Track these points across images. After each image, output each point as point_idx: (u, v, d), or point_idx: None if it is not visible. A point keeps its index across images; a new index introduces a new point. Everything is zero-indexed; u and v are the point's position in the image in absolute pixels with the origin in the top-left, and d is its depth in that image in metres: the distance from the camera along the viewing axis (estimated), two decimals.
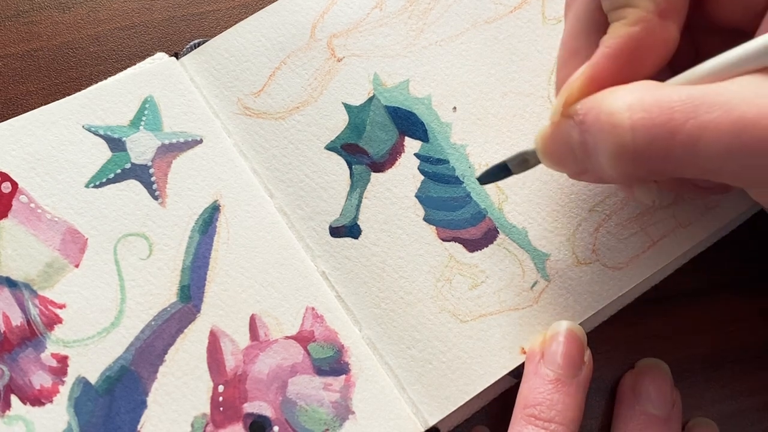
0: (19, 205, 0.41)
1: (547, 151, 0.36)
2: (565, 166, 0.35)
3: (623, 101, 0.30)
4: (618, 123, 0.30)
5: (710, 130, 0.28)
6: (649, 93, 0.30)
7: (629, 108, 0.30)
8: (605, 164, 0.32)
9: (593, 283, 0.41)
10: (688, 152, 0.29)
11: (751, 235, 0.44)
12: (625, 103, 0.30)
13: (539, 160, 0.38)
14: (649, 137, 0.29)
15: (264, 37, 0.46)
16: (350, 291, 0.42)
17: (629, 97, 0.30)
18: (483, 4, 0.46)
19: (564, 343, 0.39)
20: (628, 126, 0.30)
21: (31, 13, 0.48)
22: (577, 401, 0.38)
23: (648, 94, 0.30)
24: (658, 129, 0.29)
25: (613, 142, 0.30)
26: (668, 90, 0.30)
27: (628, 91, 0.31)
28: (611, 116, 0.30)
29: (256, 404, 0.39)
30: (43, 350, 0.39)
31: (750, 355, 0.43)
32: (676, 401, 0.41)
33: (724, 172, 0.30)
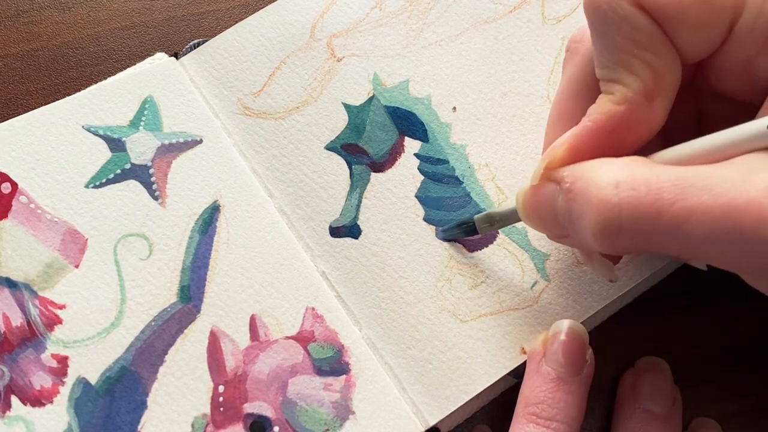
0: (18, 205, 0.41)
1: (528, 213, 0.36)
2: (547, 228, 0.35)
3: (613, 176, 0.30)
4: (606, 198, 0.30)
5: (697, 214, 0.28)
6: (639, 171, 0.30)
7: (618, 185, 0.30)
8: (589, 236, 0.32)
9: (593, 283, 0.41)
10: (674, 233, 0.29)
11: None
12: (614, 179, 0.30)
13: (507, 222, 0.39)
14: (636, 215, 0.29)
15: (264, 37, 0.46)
16: (350, 291, 0.42)
17: (619, 173, 0.30)
18: (482, 4, 0.46)
19: (566, 341, 0.39)
20: (615, 202, 0.30)
21: (31, 13, 0.48)
22: (578, 400, 0.38)
23: (638, 171, 0.30)
24: (645, 208, 0.29)
25: (599, 216, 0.30)
26: (658, 169, 0.30)
27: (618, 167, 0.31)
28: (599, 190, 0.30)
29: (256, 404, 0.39)
30: (43, 351, 0.39)
31: (750, 355, 0.43)
32: (676, 399, 0.41)
33: (709, 256, 0.30)
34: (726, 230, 0.28)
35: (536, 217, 0.35)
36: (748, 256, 0.29)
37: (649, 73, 0.32)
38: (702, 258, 0.31)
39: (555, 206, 0.33)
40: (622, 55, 0.32)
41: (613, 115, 0.32)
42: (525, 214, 0.36)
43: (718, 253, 0.29)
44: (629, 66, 0.32)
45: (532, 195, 0.35)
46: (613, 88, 0.33)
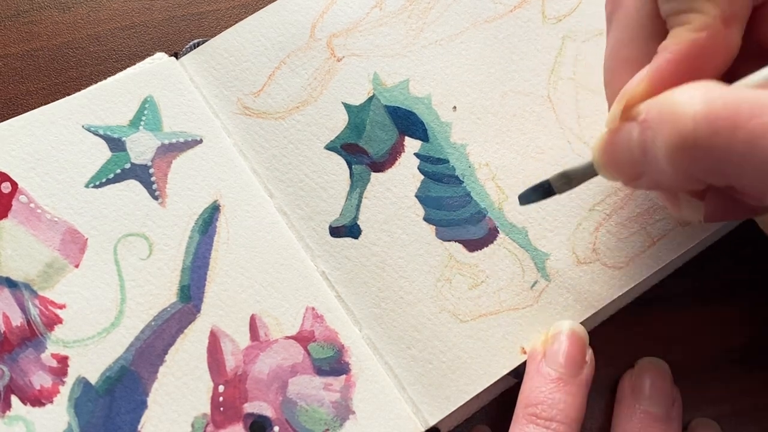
0: (18, 205, 0.41)
1: (604, 159, 0.35)
2: (621, 171, 0.35)
3: (688, 94, 0.30)
4: (680, 113, 0.29)
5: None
6: (716, 89, 0.30)
7: (693, 99, 0.29)
8: (663, 159, 0.31)
9: (593, 282, 0.41)
10: (748, 151, 0.28)
11: (750, 236, 0.44)
12: (689, 96, 0.30)
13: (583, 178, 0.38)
14: (711, 130, 0.29)
15: (264, 37, 0.46)
16: (350, 291, 0.42)
17: (694, 91, 0.30)
18: (483, 4, 0.46)
19: (566, 342, 0.39)
20: (690, 116, 0.29)
21: (31, 13, 0.48)
22: (578, 400, 0.38)
23: (714, 89, 0.30)
24: (720, 122, 0.28)
25: (673, 132, 0.30)
26: (735, 89, 0.30)
27: (692, 87, 0.30)
28: (674, 106, 0.30)
29: (256, 404, 0.39)
30: (43, 350, 0.39)
31: (750, 356, 0.43)
32: (676, 399, 0.41)
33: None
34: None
35: (612, 161, 0.35)
36: None
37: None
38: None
39: (629, 143, 0.33)
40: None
41: (694, 43, 0.32)
42: (600, 162, 0.35)
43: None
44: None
45: (608, 140, 0.34)
46: (689, 18, 0.32)
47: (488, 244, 0.42)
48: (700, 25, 0.32)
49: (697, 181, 0.33)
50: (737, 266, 0.44)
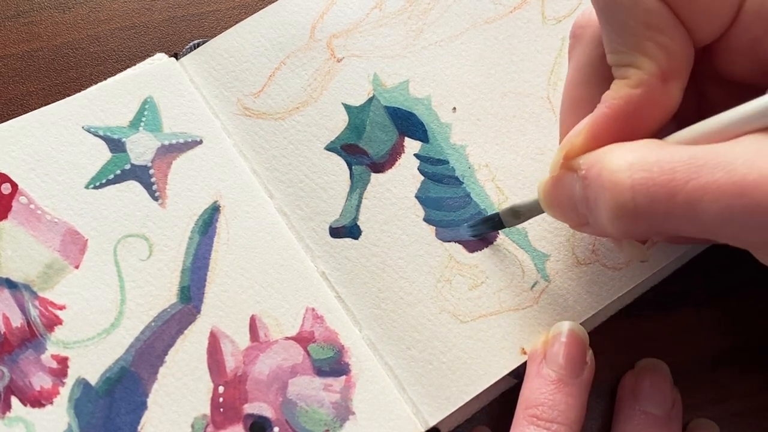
0: (18, 206, 0.41)
1: (549, 203, 0.36)
2: (567, 217, 0.36)
3: (624, 160, 0.30)
4: (619, 182, 0.30)
5: (711, 192, 0.28)
6: (651, 152, 0.30)
7: (630, 167, 0.30)
8: (605, 220, 0.32)
9: (593, 283, 0.41)
10: (689, 213, 0.29)
11: None
12: (626, 162, 0.30)
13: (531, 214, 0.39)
14: (649, 197, 0.29)
15: (263, 38, 0.46)
16: (350, 291, 0.42)
17: (630, 155, 0.30)
18: (482, 5, 0.46)
19: (566, 343, 0.39)
20: (628, 185, 0.30)
21: (31, 13, 0.48)
22: (579, 402, 0.38)
23: (650, 153, 0.30)
24: (658, 189, 0.29)
25: (613, 201, 0.30)
26: (670, 150, 0.30)
27: (629, 150, 0.31)
28: (612, 174, 0.30)
29: (256, 405, 0.39)
30: (43, 351, 0.39)
31: (749, 356, 0.43)
32: (676, 401, 0.41)
33: (724, 233, 0.30)
34: (740, 207, 0.28)
35: (557, 207, 0.36)
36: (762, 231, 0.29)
37: (663, 54, 0.32)
38: (717, 237, 0.30)
39: (573, 195, 0.33)
40: (635, 38, 0.32)
41: (629, 99, 0.32)
42: (546, 204, 0.36)
43: (733, 231, 0.29)
44: (643, 49, 0.32)
45: (552, 185, 0.35)
46: (628, 72, 0.33)
47: (488, 244, 0.42)
48: (637, 81, 0.32)
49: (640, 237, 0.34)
50: (737, 267, 0.44)
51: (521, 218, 0.40)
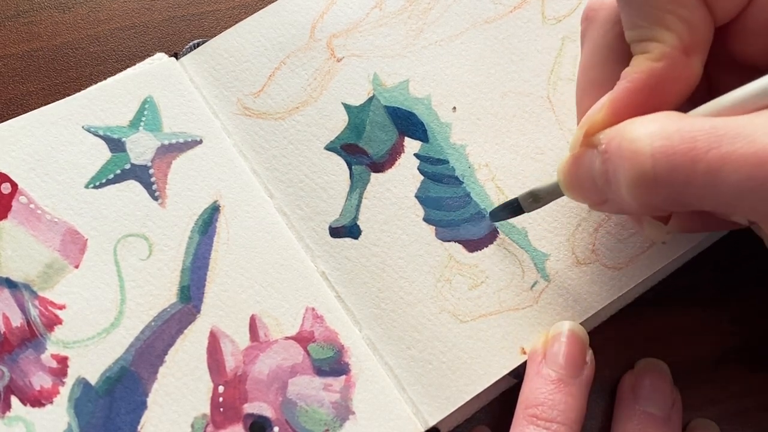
0: (18, 205, 0.41)
1: (569, 182, 0.36)
2: (587, 196, 0.35)
3: (645, 129, 0.30)
4: (639, 150, 0.30)
5: (732, 161, 0.28)
6: (672, 122, 0.30)
7: (650, 135, 0.30)
8: (625, 192, 0.31)
9: (593, 283, 0.41)
10: (709, 182, 0.29)
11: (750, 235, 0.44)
12: (647, 131, 0.30)
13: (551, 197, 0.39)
14: (670, 165, 0.29)
15: (263, 38, 0.46)
16: (350, 291, 0.42)
17: (651, 125, 0.30)
18: (482, 4, 0.46)
19: (566, 343, 0.39)
20: (648, 153, 0.30)
21: (31, 13, 0.48)
22: (579, 402, 0.38)
23: (670, 123, 0.30)
24: (679, 157, 0.29)
25: (633, 169, 0.30)
26: (691, 120, 0.30)
27: (650, 120, 0.31)
28: (632, 143, 0.30)
29: (256, 405, 0.39)
30: (43, 351, 0.39)
31: (750, 355, 0.43)
32: (675, 401, 0.41)
33: (743, 205, 0.30)
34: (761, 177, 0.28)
35: (577, 185, 0.35)
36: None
37: (685, 27, 0.32)
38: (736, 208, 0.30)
39: (592, 171, 0.33)
40: (657, 12, 0.32)
41: (652, 72, 0.32)
42: (565, 184, 0.36)
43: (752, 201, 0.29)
44: (664, 22, 0.32)
45: (572, 164, 0.35)
46: (649, 47, 0.33)
47: (488, 244, 0.42)
48: (659, 55, 0.32)
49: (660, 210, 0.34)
50: (737, 266, 0.44)
51: (541, 202, 0.39)
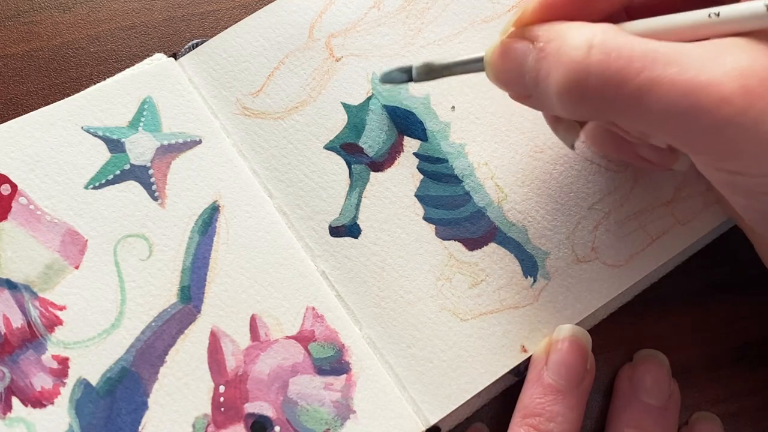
0: (18, 206, 0.41)
1: (496, 68, 0.36)
2: (511, 87, 0.36)
3: (586, 39, 0.31)
4: (576, 58, 0.31)
5: (661, 86, 0.29)
6: (613, 36, 0.30)
7: (590, 46, 0.30)
8: (553, 95, 0.32)
9: (593, 280, 0.41)
10: (635, 102, 0.30)
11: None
12: (587, 41, 0.31)
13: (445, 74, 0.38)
14: (602, 79, 0.30)
15: (262, 38, 0.46)
16: (350, 290, 0.42)
17: (593, 36, 0.31)
18: (481, 4, 0.46)
19: (568, 351, 0.39)
20: (585, 64, 0.30)
21: (31, 13, 0.48)
22: (577, 413, 0.38)
23: (611, 37, 0.30)
24: (612, 73, 0.30)
25: (566, 76, 0.31)
26: (632, 38, 0.30)
27: (592, 30, 0.31)
28: (572, 50, 0.31)
29: (257, 404, 0.39)
30: (43, 352, 0.39)
31: (750, 355, 0.43)
32: (673, 392, 0.41)
33: (664, 129, 0.30)
34: (685, 106, 0.29)
35: (503, 75, 0.35)
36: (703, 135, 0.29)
37: None
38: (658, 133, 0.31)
39: (523, 64, 0.34)
40: None
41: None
42: (491, 71, 0.36)
43: (674, 129, 0.30)
44: None
45: (501, 52, 0.35)
46: None
47: (488, 242, 0.42)
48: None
49: (582, 118, 0.35)
50: (736, 265, 0.44)
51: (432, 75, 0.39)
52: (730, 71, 0.28)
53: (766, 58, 0.29)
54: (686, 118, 0.29)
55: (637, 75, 0.29)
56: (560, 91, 0.31)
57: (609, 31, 0.31)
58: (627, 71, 0.29)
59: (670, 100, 0.29)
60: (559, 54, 0.31)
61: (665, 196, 0.43)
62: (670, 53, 0.29)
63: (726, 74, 0.28)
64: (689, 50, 0.29)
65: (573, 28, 0.32)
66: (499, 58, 0.35)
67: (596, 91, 0.30)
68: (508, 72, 0.35)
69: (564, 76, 0.31)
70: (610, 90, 0.30)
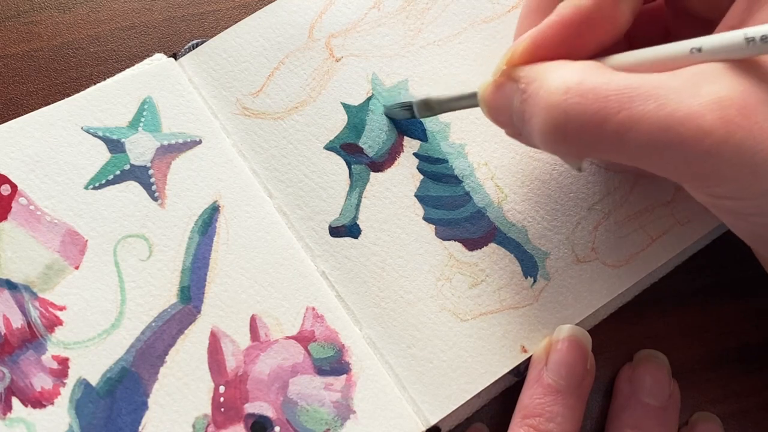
0: (18, 207, 0.41)
1: (489, 106, 0.36)
2: (502, 125, 0.36)
3: (564, 81, 0.31)
4: (554, 104, 0.31)
5: (640, 123, 0.29)
6: (591, 77, 0.31)
7: (567, 91, 0.30)
8: (536, 138, 0.32)
9: (593, 281, 0.41)
10: (617, 141, 0.30)
11: None
12: (564, 84, 0.31)
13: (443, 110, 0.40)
14: (581, 123, 0.30)
15: (262, 38, 0.46)
16: (350, 290, 0.42)
17: (570, 78, 0.31)
18: (480, 4, 0.46)
19: (568, 351, 0.39)
20: (562, 109, 0.30)
21: (31, 13, 0.48)
22: (576, 414, 0.38)
23: (589, 77, 0.30)
24: (590, 116, 0.30)
25: (546, 120, 0.31)
26: (609, 76, 0.30)
27: (570, 71, 0.31)
28: (549, 95, 0.31)
29: (257, 404, 0.39)
30: (43, 352, 0.39)
31: (750, 355, 0.43)
32: (673, 392, 0.41)
33: (650, 164, 0.31)
34: (667, 140, 0.29)
35: (495, 112, 0.36)
36: (687, 165, 0.29)
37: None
38: (643, 166, 0.31)
39: (512, 107, 0.34)
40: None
41: (579, 10, 0.33)
42: (485, 108, 0.36)
43: (657, 162, 0.30)
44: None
45: (493, 90, 0.35)
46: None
47: (488, 243, 0.42)
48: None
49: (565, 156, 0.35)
50: (736, 265, 0.44)
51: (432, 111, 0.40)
52: (709, 103, 0.28)
53: (743, 85, 0.29)
54: (668, 152, 0.29)
55: (616, 114, 0.29)
56: (542, 133, 0.32)
57: (587, 70, 0.31)
58: (605, 113, 0.29)
59: (650, 136, 0.29)
60: (538, 97, 0.32)
61: (665, 196, 0.43)
62: (647, 87, 0.29)
63: (704, 106, 0.28)
64: (666, 82, 0.29)
65: (552, 68, 0.32)
66: (491, 97, 0.36)
67: (576, 132, 0.30)
68: (498, 111, 0.36)
69: (543, 119, 0.31)
70: (590, 131, 0.30)
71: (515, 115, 0.34)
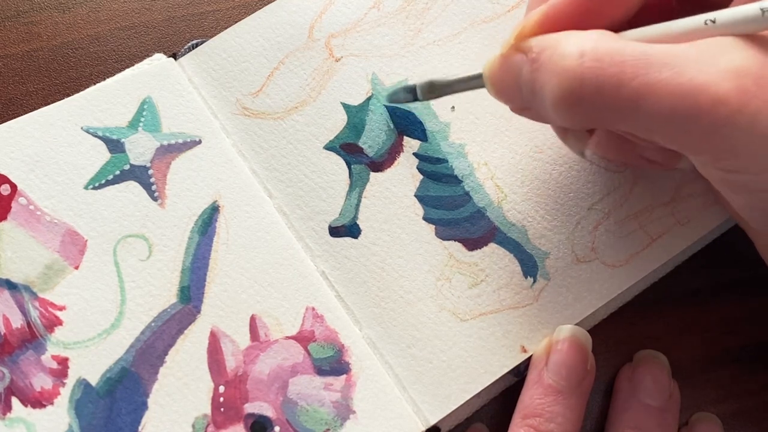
0: (18, 207, 0.41)
1: (494, 82, 0.36)
2: (510, 100, 0.36)
3: (577, 47, 0.31)
4: (569, 67, 0.30)
5: (657, 90, 0.29)
6: (605, 43, 0.30)
7: (582, 54, 0.30)
8: (549, 106, 0.32)
9: (593, 281, 0.41)
10: (631, 108, 0.29)
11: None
12: (579, 49, 0.30)
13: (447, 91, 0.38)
14: (597, 86, 0.30)
15: (262, 38, 0.46)
16: (350, 290, 0.42)
17: (584, 43, 0.31)
18: (480, 4, 0.46)
19: (568, 352, 0.39)
20: (578, 72, 0.30)
21: (31, 13, 0.48)
22: (577, 413, 0.38)
23: (603, 43, 0.30)
24: (606, 80, 0.30)
25: (560, 85, 0.31)
26: (624, 43, 0.30)
27: (584, 38, 0.31)
28: (563, 59, 0.31)
29: (256, 404, 0.39)
30: (43, 352, 0.39)
31: (750, 355, 0.43)
32: (673, 392, 0.41)
33: (663, 134, 0.30)
34: (682, 109, 0.28)
35: (501, 88, 0.35)
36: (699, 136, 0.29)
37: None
38: (657, 137, 0.31)
39: (519, 77, 0.34)
40: None
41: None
42: (490, 84, 0.36)
43: (672, 132, 0.30)
44: None
45: (499, 65, 0.35)
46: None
47: (488, 243, 0.42)
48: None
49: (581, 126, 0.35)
50: (737, 265, 0.44)
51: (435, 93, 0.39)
52: (725, 71, 0.28)
53: (759, 57, 0.29)
54: (684, 120, 0.29)
55: (632, 80, 0.29)
56: (555, 101, 0.31)
57: (602, 38, 0.31)
58: (621, 77, 0.29)
59: (667, 103, 0.29)
60: (551, 63, 0.31)
61: (665, 196, 0.43)
62: (663, 56, 0.29)
63: (721, 75, 0.28)
64: (683, 51, 0.29)
65: (565, 37, 0.32)
66: (497, 72, 0.35)
67: (591, 98, 0.30)
68: (505, 85, 0.35)
69: (557, 85, 0.31)
70: (605, 98, 0.30)
71: (524, 86, 0.33)
